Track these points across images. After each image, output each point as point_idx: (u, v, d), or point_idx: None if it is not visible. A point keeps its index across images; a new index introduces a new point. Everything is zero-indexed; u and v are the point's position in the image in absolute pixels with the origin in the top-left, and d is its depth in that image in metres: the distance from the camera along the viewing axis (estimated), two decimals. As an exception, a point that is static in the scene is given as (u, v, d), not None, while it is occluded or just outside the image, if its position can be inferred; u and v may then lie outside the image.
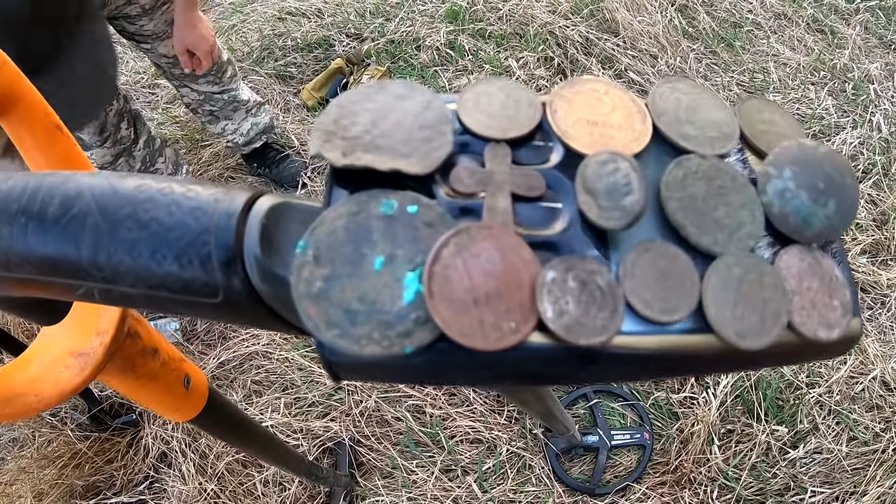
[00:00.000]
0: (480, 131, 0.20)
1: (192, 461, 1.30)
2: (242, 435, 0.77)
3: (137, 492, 1.30)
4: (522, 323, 0.16)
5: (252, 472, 1.30)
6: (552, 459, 1.29)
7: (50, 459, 1.31)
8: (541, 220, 0.19)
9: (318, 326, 0.17)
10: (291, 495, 1.27)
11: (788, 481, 1.26)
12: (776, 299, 0.18)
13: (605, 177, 0.18)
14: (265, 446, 0.85)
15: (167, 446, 1.33)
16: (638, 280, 0.17)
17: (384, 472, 1.30)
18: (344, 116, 0.20)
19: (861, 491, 1.23)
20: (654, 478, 1.28)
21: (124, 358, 0.49)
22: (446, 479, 1.28)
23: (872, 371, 1.36)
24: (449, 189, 0.19)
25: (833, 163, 0.21)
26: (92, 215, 0.21)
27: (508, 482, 1.27)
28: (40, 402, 0.43)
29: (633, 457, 1.32)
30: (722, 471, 1.26)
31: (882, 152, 1.72)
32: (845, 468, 1.26)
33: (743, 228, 0.19)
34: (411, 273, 0.17)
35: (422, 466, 1.29)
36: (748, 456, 1.27)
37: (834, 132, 1.76)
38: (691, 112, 0.22)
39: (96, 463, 1.32)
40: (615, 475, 1.30)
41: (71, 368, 0.45)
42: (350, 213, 0.18)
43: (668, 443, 1.31)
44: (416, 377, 0.18)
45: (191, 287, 0.21)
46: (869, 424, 1.31)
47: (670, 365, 0.18)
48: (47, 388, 0.44)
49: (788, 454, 1.28)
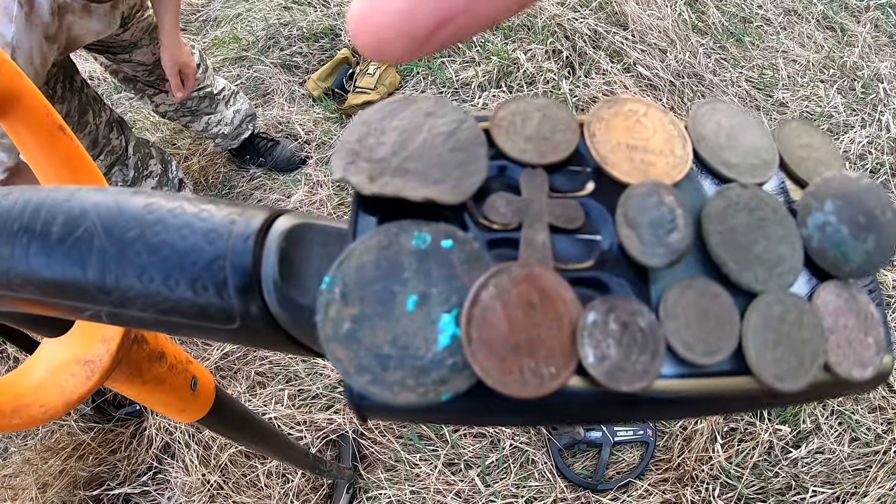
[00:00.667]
0: (516, 155, 0.19)
1: (196, 452, 1.30)
2: (247, 432, 0.77)
3: (141, 483, 1.30)
4: (563, 368, 0.16)
5: (255, 463, 1.31)
6: (555, 455, 1.29)
7: (54, 451, 1.31)
8: (578, 254, 0.18)
9: (348, 371, 0.16)
10: (294, 487, 1.27)
11: (790, 481, 1.26)
12: (814, 339, 0.17)
13: (648, 210, 0.17)
14: (269, 442, 0.85)
15: (171, 437, 1.34)
16: (679, 320, 0.17)
17: (387, 466, 1.30)
18: (369, 135, 0.19)
19: (862, 492, 1.23)
20: (656, 474, 1.28)
21: (131, 364, 0.48)
22: (449, 472, 1.28)
23: (877, 372, 1.35)
24: (482, 218, 0.18)
25: (875, 196, 0.20)
26: (98, 237, 0.20)
27: (511, 477, 1.27)
28: (46, 413, 0.42)
29: (636, 453, 1.32)
30: (724, 469, 1.26)
31: (890, 152, 1.71)
32: (847, 469, 1.26)
33: (783, 263, 0.18)
34: (447, 315, 0.16)
35: (425, 460, 1.29)
36: (750, 455, 1.27)
37: (842, 131, 1.75)
38: (732, 137, 0.21)
39: (100, 454, 1.32)
40: (618, 471, 1.30)
41: (77, 376, 0.44)
42: (380, 246, 0.17)
43: (670, 440, 1.31)
44: (449, 420, 0.18)
45: (206, 313, 0.20)
46: (871, 426, 1.31)
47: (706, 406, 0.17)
48: (53, 398, 0.43)
49: (790, 454, 1.28)
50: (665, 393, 0.16)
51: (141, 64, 1.40)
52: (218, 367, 1.42)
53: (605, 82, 1.82)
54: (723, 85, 1.85)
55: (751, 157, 0.20)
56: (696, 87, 1.85)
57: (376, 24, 0.13)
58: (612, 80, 1.82)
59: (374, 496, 1.26)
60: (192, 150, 1.83)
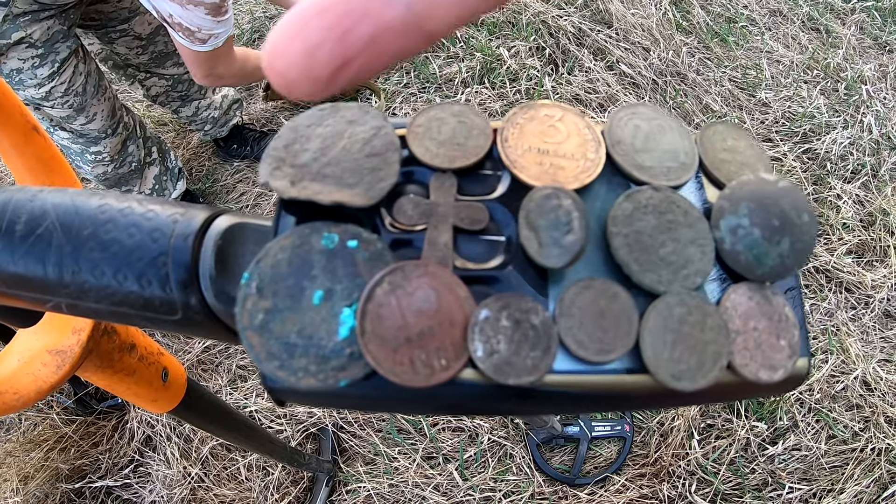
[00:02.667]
0: (427, 160, 0.20)
1: (177, 445, 1.31)
2: (223, 424, 0.77)
3: (122, 475, 1.31)
4: (454, 360, 0.17)
5: (236, 456, 1.31)
6: (533, 449, 1.30)
7: (36, 443, 1.31)
8: (482, 254, 0.19)
9: (260, 357, 0.17)
10: (275, 480, 1.28)
11: (767, 477, 1.27)
12: (718, 340, 0.18)
13: (547, 213, 0.18)
14: (247, 434, 0.85)
15: (152, 430, 1.34)
16: (574, 319, 0.17)
17: (367, 459, 1.31)
18: (295, 141, 0.20)
19: (838, 489, 1.25)
20: (633, 469, 1.30)
21: (101, 354, 0.49)
22: (428, 466, 1.29)
23: (854, 371, 1.37)
24: (393, 220, 0.19)
25: (792, 199, 0.20)
26: (56, 235, 0.22)
27: (489, 471, 1.28)
28: (19, 400, 0.44)
29: (614, 448, 1.33)
30: (701, 465, 1.27)
31: (872, 153, 1.73)
32: (823, 466, 1.28)
33: (690, 266, 0.19)
34: (347, 309, 0.17)
35: (404, 454, 1.30)
36: (727, 451, 1.29)
37: (824, 131, 1.76)
38: (649, 140, 0.21)
39: (82, 447, 1.32)
40: (595, 466, 1.32)
41: (48, 366, 0.45)
42: (293, 245, 0.18)
43: (648, 435, 1.32)
44: (352, 406, 0.19)
45: (151, 305, 0.22)
46: (848, 423, 1.32)
47: (605, 402, 0.18)
48: (26, 386, 0.44)
49: (767, 450, 1.30)
50: (557, 387, 0.17)
51: (136, 38, 1.40)
52: (199, 360, 1.42)
53: (588, 80, 1.83)
54: (706, 84, 1.86)
55: (667, 160, 0.21)
56: (678, 86, 1.86)
57: (283, 67, 0.14)
58: (595, 77, 1.83)
59: (354, 489, 1.27)
60: (177, 143, 1.83)
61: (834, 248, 1.55)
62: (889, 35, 2.08)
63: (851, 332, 1.44)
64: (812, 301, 1.48)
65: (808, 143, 1.74)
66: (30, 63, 1.17)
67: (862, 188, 1.66)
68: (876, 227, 1.58)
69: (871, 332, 1.45)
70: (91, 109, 1.31)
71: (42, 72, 1.19)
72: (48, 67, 1.19)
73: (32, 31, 1.14)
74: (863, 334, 1.45)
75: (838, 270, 1.51)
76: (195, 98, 1.61)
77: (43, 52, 1.17)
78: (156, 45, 1.44)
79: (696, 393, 0.18)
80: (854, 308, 1.49)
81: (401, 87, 1.87)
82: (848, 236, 1.57)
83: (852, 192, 1.65)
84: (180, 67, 1.51)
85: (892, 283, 1.51)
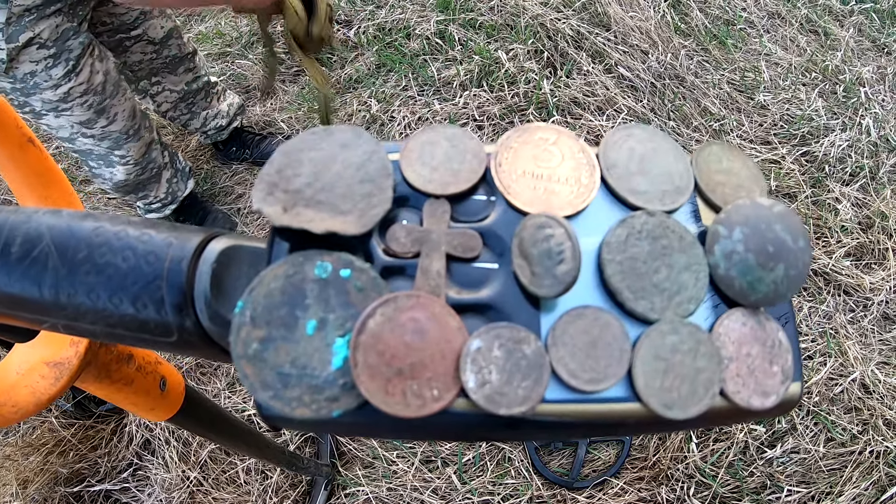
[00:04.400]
0: (420, 186, 0.20)
1: (176, 449, 1.31)
2: (221, 430, 0.77)
3: (121, 479, 1.31)
4: (445, 391, 0.17)
5: (235, 460, 1.31)
6: (531, 452, 1.30)
7: (34, 447, 1.31)
8: (475, 282, 0.19)
9: (254, 387, 0.17)
10: (273, 484, 1.28)
11: (765, 480, 1.27)
12: (710, 368, 0.18)
13: (540, 242, 0.18)
14: (245, 440, 0.85)
15: (151, 434, 1.34)
16: (566, 348, 0.17)
17: (365, 463, 1.31)
18: (288, 166, 0.20)
19: (837, 492, 1.25)
20: (631, 473, 1.30)
21: (99, 365, 0.49)
22: (426, 470, 1.29)
23: (852, 373, 1.37)
24: (386, 247, 0.19)
25: (787, 224, 0.20)
26: (52, 258, 0.22)
27: (487, 474, 1.28)
28: (17, 413, 0.44)
29: (612, 452, 1.33)
30: (699, 468, 1.27)
31: (870, 156, 1.73)
32: (822, 469, 1.28)
33: (684, 292, 0.19)
34: (340, 339, 0.18)
35: (402, 457, 1.30)
36: (725, 454, 1.29)
37: (823, 134, 1.76)
38: (644, 163, 0.21)
39: (80, 450, 1.32)
40: (593, 469, 1.32)
41: (47, 378, 0.45)
42: (286, 274, 0.18)
43: (646, 439, 1.32)
44: (346, 433, 0.19)
45: (147, 327, 0.22)
46: (846, 426, 1.32)
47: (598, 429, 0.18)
48: (24, 398, 0.44)
49: (766, 453, 1.30)
50: (548, 416, 0.17)
51: (150, 42, 1.38)
52: (198, 363, 1.42)
53: (587, 83, 1.83)
54: (704, 87, 1.86)
55: (662, 183, 0.21)
56: (676, 88, 1.86)
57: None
58: (594, 80, 1.83)
59: (352, 493, 1.27)
60: (175, 146, 1.82)
61: (832, 250, 1.55)
62: (887, 37, 2.08)
63: (850, 334, 1.44)
64: (810, 304, 1.48)
65: (807, 146, 1.74)
66: (43, 64, 1.14)
67: (860, 190, 1.66)
68: (874, 229, 1.58)
69: (870, 335, 1.46)
70: (112, 110, 1.28)
71: (57, 72, 1.16)
72: (62, 67, 1.16)
73: (40, 29, 1.10)
74: (861, 337, 1.45)
75: (837, 273, 1.51)
76: (202, 110, 1.61)
77: (55, 51, 1.14)
78: (169, 48, 1.43)
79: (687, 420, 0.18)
80: (853, 311, 1.49)
81: (399, 90, 1.87)
82: (846, 239, 1.57)
83: (851, 194, 1.65)
84: (189, 74, 1.51)
85: (890, 286, 1.51)
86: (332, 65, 1.96)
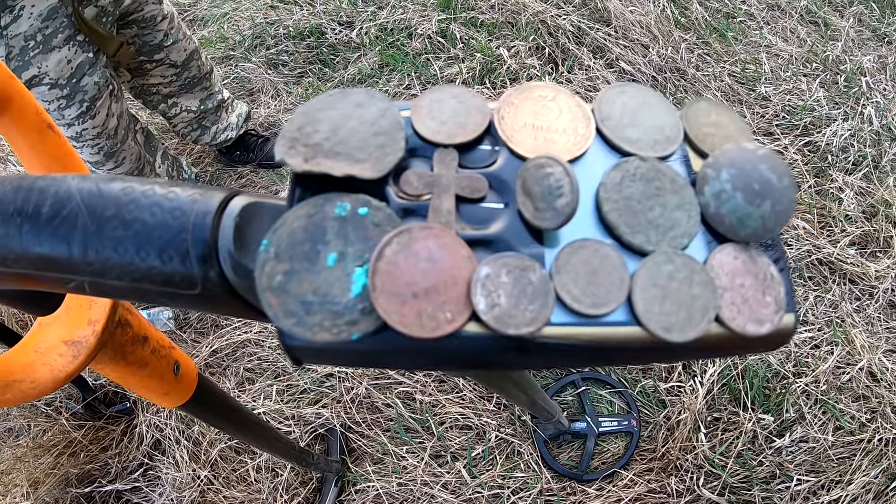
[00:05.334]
0: (430, 137, 0.22)
1: (186, 448, 1.32)
2: (233, 421, 0.79)
3: (132, 479, 1.32)
4: (458, 314, 0.18)
5: (245, 458, 1.32)
6: (540, 446, 1.31)
7: (45, 448, 1.33)
8: (483, 220, 0.21)
9: (278, 315, 0.19)
10: (283, 481, 1.29)
11: (774, 469, 1.28)
12: (705, 295, 0.19)
13: (541, 180, 0.20)
14: (256, 432, 0.86)
15: (161, 434, 1.35)
16: (569, 276, 0.19)
17: (375, 458, 1.32)
18: (307, 124, 0.21)
19: (846, 480, 1.25)
20: (640, 464, 1.30)
21: (115, 346, 0.51)
22: (436, 464, 1.30)
23: (859, 361, 1.37)
24: (400, 191, 0.21)
25: (771, 164, 0.22)
26: (81, 216, 0.23)
27: (497, 468, 1.29)
28: (35, 389, 0.45)
29: (621, 443, 1.34)
30: (708, 458, 1.28)
31: (873, 145, 1.73)
32: (831, 457, 1.28)
33: (677, 228, 0.20)
34: (359, 269, 0.19)
35: (412, 452, 1.31)
36: (734, 444, 1.29)
37: (825, 124, 1.77)
38: (636, 116, 0.23)
39: (91, 451, 1.34)
40: (603, 461, 1.32)
41: (64, 356, 0.47)
42: (308, 214, 0.20)
43: (655, 430, 1.33)
44: (363, 361, 0.20)
45: (172, 280, 0.23)
46: (855, 414, 1.32)
47: (601, 354, 0.19)
48: (42, 375, 0.46)
49: (774, 442, 1.30)
50: (554, 339, 0.18)
51: (172, 66, 1.37)
52: (207, 363, 1.43)
53: (588, 78, 1.84)
54: (705, 80, 1.87)
55: (653, 134, 0.22)
56: (678, 81, 1.87)
57: None
58: (595, 75, 1.84)
59: (363, 489, 1.28)
60: (180, 150, 1.84)
61: (837, 239, 1.56)
62: (888, 26, 2.09)
63: (856, 322, 1.45)
64: (816, 293, 1.49)
65: (809, 136, 1.75)
66: (55, 104, 1.10)
67: (863, 179, 1.67)
68: (878, 217, 1.58)
69: (876, 323, 1.46)
70: (121, 154, 1.26)
71: (70, 112, 1.12)
72: (76, 108, 1.12)
73: (48, 66, 1.04)
74: (868, 325, 1.46)
75: (842, 262, 1.52)
76: (212, 125, 1.62)
77: (68, 91, 1.09)
78: (189, 70, 1.42)
79: (687, 346, 0.19)
80: (858, 299, 1.49)
81: (402, 88, 1.88)
82: (851, 228, 1.57)
83: (854, 183, 1.65)
84: (204, 92, 1.52)
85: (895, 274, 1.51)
86: (335, 65, 1.98)
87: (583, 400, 1.37)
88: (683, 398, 1.33)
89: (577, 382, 1.40)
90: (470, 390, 1.37)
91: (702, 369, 1.37)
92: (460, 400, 1.36)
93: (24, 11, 0.98)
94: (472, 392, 1.37)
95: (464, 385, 1.37)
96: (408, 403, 1.37)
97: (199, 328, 1.51)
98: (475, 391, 1.37)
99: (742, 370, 1.36)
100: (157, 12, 1.25)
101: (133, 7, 1.20)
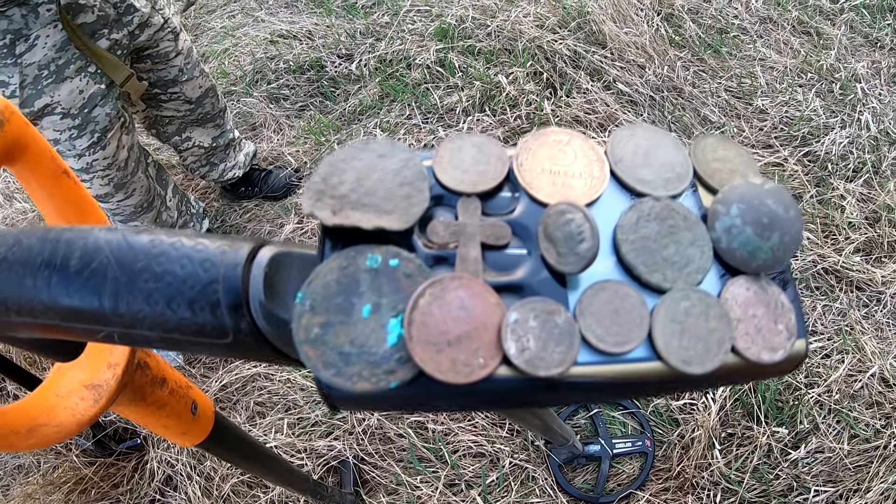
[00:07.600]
0: (453, 186, 0.23)
1: (198, 484, 1.31)
2: (248, 456, 0.79)
3: (144, 515, 1.31)
4: (490, 359, 0.19)
5: (258, 493, 1.32)
6: (555, 470, 1.30)
7: (55, 485, 1.32)
8: (508, 266, 0.22)
9: (317, 367, 0.20)
10: (298, 514, 1.29)
11: (791, 482, 1.27)
12: (721, 328, 0.20)
13: (562, 226, 0.21)
14: (270, 466, 0.86)
15: (172, 469, 1.35)
16: (593, 317, 0.20)
17: (389, 489, 1.32)
18: (332, 175, 0.22)
19: (865, 488, 1.24)
20: (657, 484, 1.30)
21: (135, 388, 0.51)
22: (450, 493, 1.29)
23: (871, 368, 1.37)
24: (427, 240, 0.22)
25: (778, 197, 0.23)
26: (111, 268, 0.24)
27: (512, 494, 1.28)
28: (60, 433, 0.46)
29: (636, 464, 1.33)
30: (724, 474, 1.27)
31: (871, 150, 1.74)
32: (847, 466, 1.27)
33: (692, 264, 0.21)
34: (394, 319, 0.20)
35: (426, 482, 1.31)
36: (750, 459, 1.29)
37: (823, 133, 1.78)
38: (648, 156, 0.24)
39: (102, 488, 1.33)
40: (618, 483, 1.31)
41: (86, 400, 0.47)
42: (340, 267, 0.21)
43: (669, 449, 1.32)
44: (402, 406, 0.21)
45: (203, 330, 0.24)
46: (869, 421, 1.32)
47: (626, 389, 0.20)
48: (65, 419, 0.46)
49: (790, 455, 1.29)
50: (582, 378, 0.19)
51: (186, 101, 1.39)
52: (217, 398, 1.43)
53: (587, 101, 1.87)
54: (702, 96, 1.89)
55: (665, 172, 0.24)
56: (675, 100, 1.89)
57: None
58: (593, 98, 1.87)
59: (379, 519, 1.27)
60: (185, 185, 1.86)
61: (841, 247, 1.56)
62: (879, 31, 2.11)
63: (865, 329, 1.44)
64: (824, 302, 1.49)
65: (808, 146, 1.76)
66: (66, 134, 1.10)
67: (864, 186, 1.68)
68: (881, 223, 1.59)
69: (886, 329, 1.46)
70: (131, 186, 1.26)
71: (81, 143, 1.12)
72: (87, 139, 1.12)
73: (61, 95, 1.04)
74: (877, 331, 1.45)
75: (847, 270, 1.52)
76: (220, 163, 1.64)
77: (80, 122, 1.10)
78: (203, 106, 1.44)
79: (705, 376, 0.20)
80: (866, 306, 1.50)
81: (403, 118, 1.91)
82: (854, 235, 1.58)
83: (855, 190, 1.66)
84: (217, 130, 1.54)
85: (901, 279, 1.51)
86: (336, 98, 2.01)
87: (596, 422, 1.36)
88: (696, 415, 1.33)
89: (590, 405, 1.39)
90: (482, 417, 1.37)
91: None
92: (472, 427, 1.36)
93: (38, 41, 1.00)
94: (483, 419, 1.36)
95: (476, 413, 1.37)
96: (420, 433, 1.36)
97: (208, 363, 1.52)
98: (487, 418, 1.37)
99: (754, 384, 1.35)
100: (171, 49, 1.28)
101: (148, 43, 1.22)
